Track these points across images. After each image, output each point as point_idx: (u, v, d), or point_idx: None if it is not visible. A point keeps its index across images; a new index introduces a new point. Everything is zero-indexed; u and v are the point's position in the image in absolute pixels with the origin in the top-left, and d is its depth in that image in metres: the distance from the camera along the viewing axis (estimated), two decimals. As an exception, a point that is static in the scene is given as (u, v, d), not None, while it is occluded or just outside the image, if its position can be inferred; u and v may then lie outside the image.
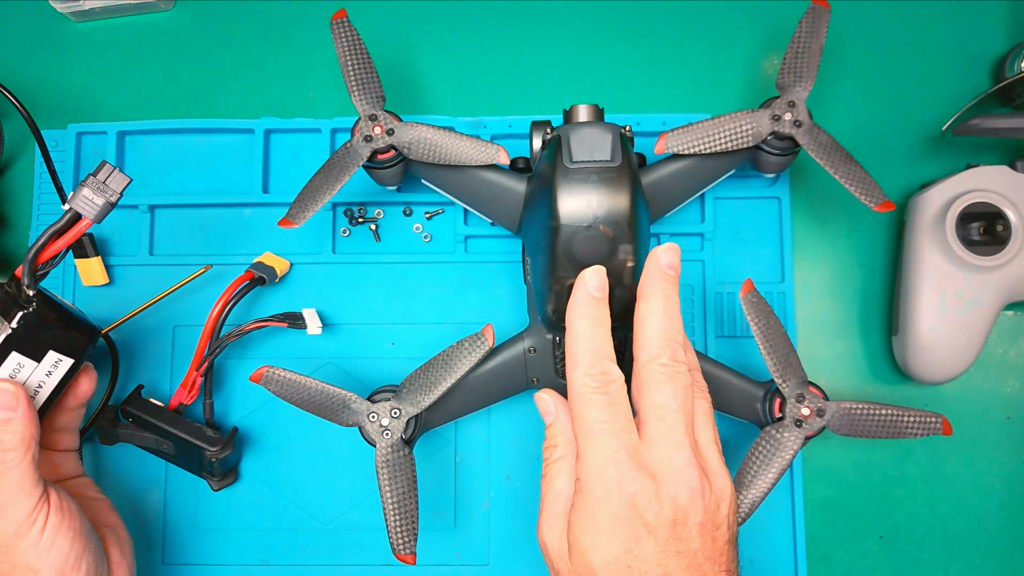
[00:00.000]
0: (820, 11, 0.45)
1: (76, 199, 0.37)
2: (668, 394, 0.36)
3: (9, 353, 0.38)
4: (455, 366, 0.43)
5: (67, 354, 0.40)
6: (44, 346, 0.39)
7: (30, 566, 0.37)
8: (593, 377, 0.37)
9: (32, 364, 0.39)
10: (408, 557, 0.42)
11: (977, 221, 0.47)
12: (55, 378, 0.40)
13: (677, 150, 0.44)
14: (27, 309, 0.38)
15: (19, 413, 0.38)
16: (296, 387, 0.43)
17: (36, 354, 0.39)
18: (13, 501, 0.37)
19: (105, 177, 0.38)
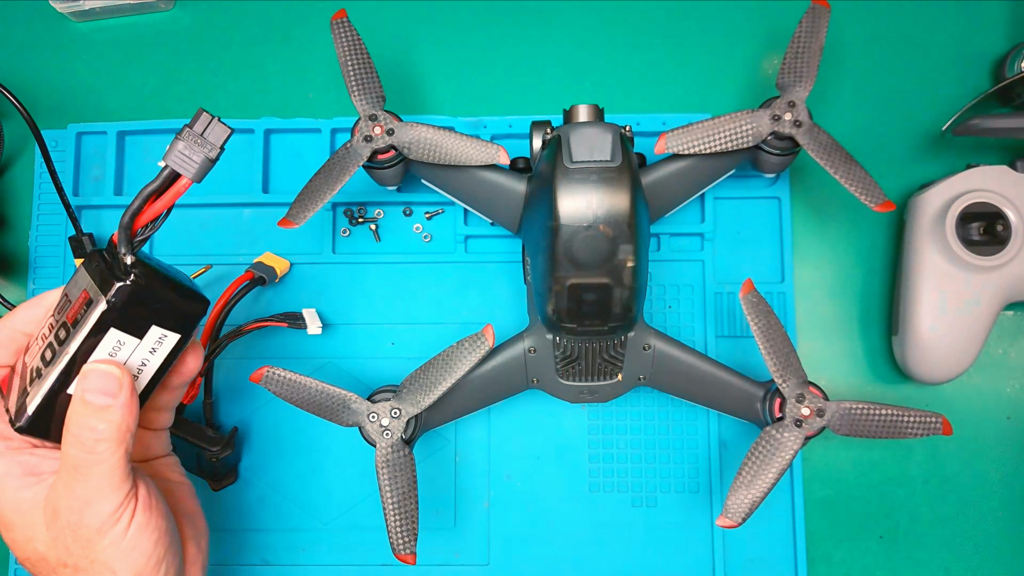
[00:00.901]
0: (820, 11, 0.45)
1: (171, 155, 0.33)
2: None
3: (107, 330, 0.34)
4: (455, 366, 0.43)
5: (173, 329, 0.36)
6: (146, 321, 0.35)
7: (109, 565, 0.36)
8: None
9: (134, 341, 0.35)
10: (408, 557, 0.42)
11: (977, 221, 0.47)
12: (159, 356, 0.36)
13: (677, 150, 0.44)
14: (124, 281, 0.34)
15: (120, 401, 0.35)
16: (296, 387, 0.43)
17: (138, 330, 0.35)
18: (99, 495, 0.35)
19: (203, 128, 0.34)
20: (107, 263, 0.34)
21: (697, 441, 0.50)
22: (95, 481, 0.35)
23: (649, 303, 0.51)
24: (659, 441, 0.50)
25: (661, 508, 0.50)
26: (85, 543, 0.35)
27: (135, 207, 0.34)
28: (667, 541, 0.50)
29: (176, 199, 0.35)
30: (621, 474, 0.50)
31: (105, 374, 0.35)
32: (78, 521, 0.35)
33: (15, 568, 0.51)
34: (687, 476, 0.50)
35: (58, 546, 0.36)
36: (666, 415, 0.51)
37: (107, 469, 0.35)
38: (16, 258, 0.53)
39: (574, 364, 0.45)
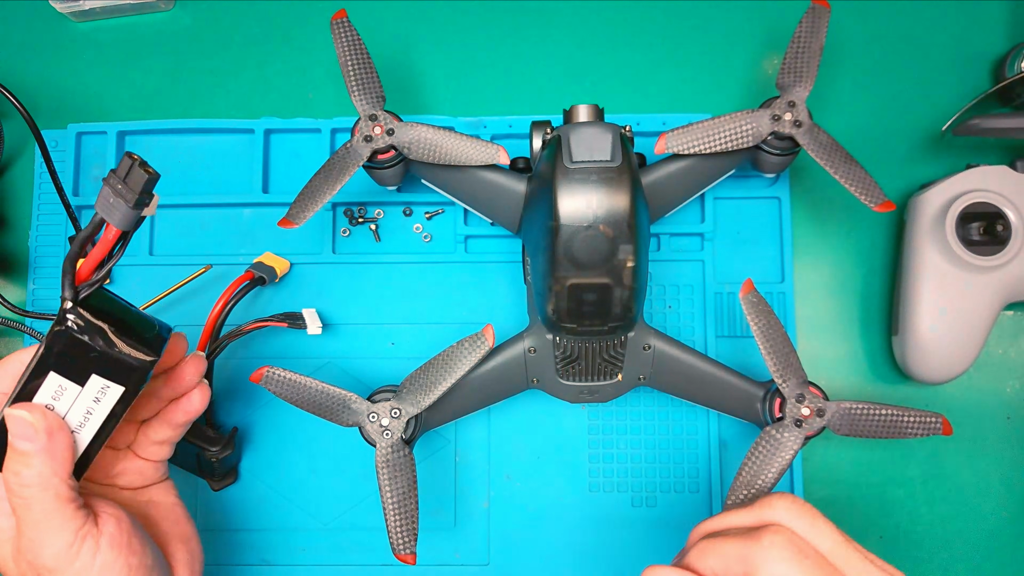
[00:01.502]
0: (820, 11, 0.45)
1: (99, 200, 0.33)
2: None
3: (47, 373, 0.35)
4: (455, 366, 0.43)
5: (114, 380, 0.35)
6: (86, 369, 0.35)
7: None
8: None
9: (76, 388, 0.35)
10: (408, 557, 0.42)
11: (977, 221, 0.47)
12: (105, 406, 0.36)
13: (677, 150, 0.44)
14: (60, 326, 0.34)
15: (38, 446, 0.34)
16: (296, 387, 0.43)
17: (78, 378, 0.35)
18: (44, 536, 0.35)
19: (124, 173, 0.32)
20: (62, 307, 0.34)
21: (697, 441, 0.50)
22: (34, 522, 0.35)
23: (649, 303, 0.51)
24: (659, 441, 0.50)
25: (661, 508, 0.50)
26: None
27: (72, 253, 0.33)
28: (667, 541, 0.50)
29: (111, 247, 0.33)
30: (621, 474, 0.50)
31: (19, 419, 0.35)
32: (35, 560, 0.35)
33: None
34: (687, 476, 0.50)
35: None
36: (666, 415, 0.51)
37: (42, 512, 0.35)
38: (16, 258, 0.53)
39: (574, 364, 0.45)
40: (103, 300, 0.36)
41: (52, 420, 0.35)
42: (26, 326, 0.52)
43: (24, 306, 0.52)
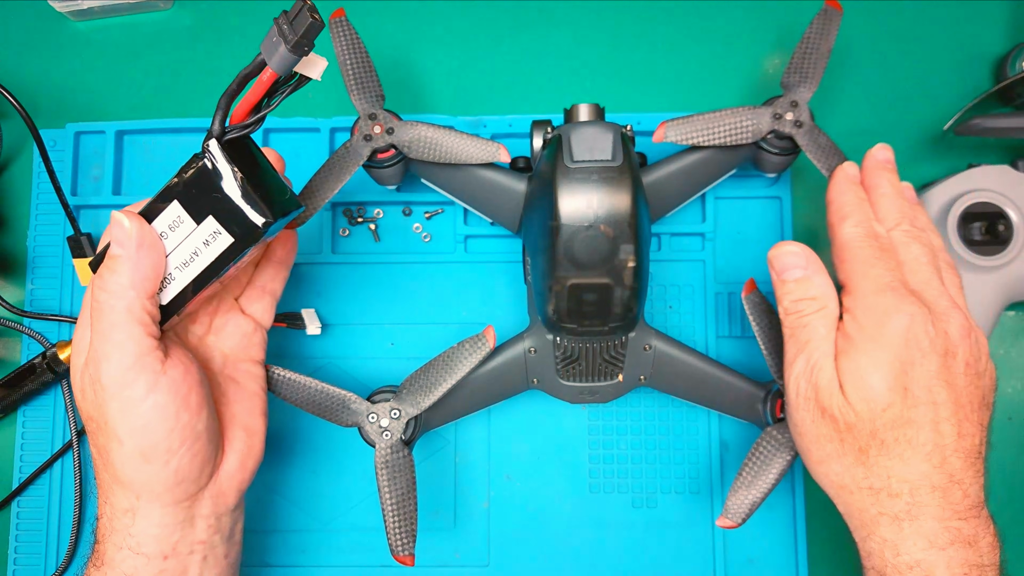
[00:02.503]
0: (832, 13, 0.45)
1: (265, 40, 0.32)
2: (917, 250, 0.38)
3: (171, 200, 0.35)
4: (456, 367, 0.43)
5: (226, 229, 0.35)
6: (205, 208, 0.34)
7: (116, 432, 0.35)
8: (864, 225, 0.39)
9: (191, 225, 0.35)
10: (407, 559, 0.42)
11: (978, 221, 0.47)
12: (212, 252, 0.35)
13: (675, 140, 0.44)
14: (198, 162, 0.34)
15: (127, 253, 0.34)
16: (297, 387, 0.43)
17: (197, 214, 0.35)
18: (105, 350, 0.35)
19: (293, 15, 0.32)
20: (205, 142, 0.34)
21: (697, 441, 0.50)
22: (102, 332, 0.35)
23: (650, 303, 0.51)
24: (659, 441, 0.50)
25: (661, 508, 0.50)
26: (100, 400, 0.35)
27: (231, 89, 0.33)
28: (667, 541, 0.50)
29: (264, 89, 0.33)
30: (621, 474, 0.50)
31: (117, 224, 0.35)
32: (95, 373, 0.35)
33: (14, 569, 0.50)
34: (687, 476, 0.50)
35: (85, 398, 0.36)
36: (666, 415, 0.50)
37: (110, 323, 0.35)
38: (15, 258, 0.53)
39: (574, 364, 0.44)
40: (247, 150, 0.35)
41: (147, 233, 0.35)
42: (24, 326, 0.52)
43: (23, 306, 0.52)
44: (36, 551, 0.50)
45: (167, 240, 0.36)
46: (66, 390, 0.51)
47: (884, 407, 0.36)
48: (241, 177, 0.34)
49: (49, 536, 0.50)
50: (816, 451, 0.38)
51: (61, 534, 0.50)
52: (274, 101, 0.34)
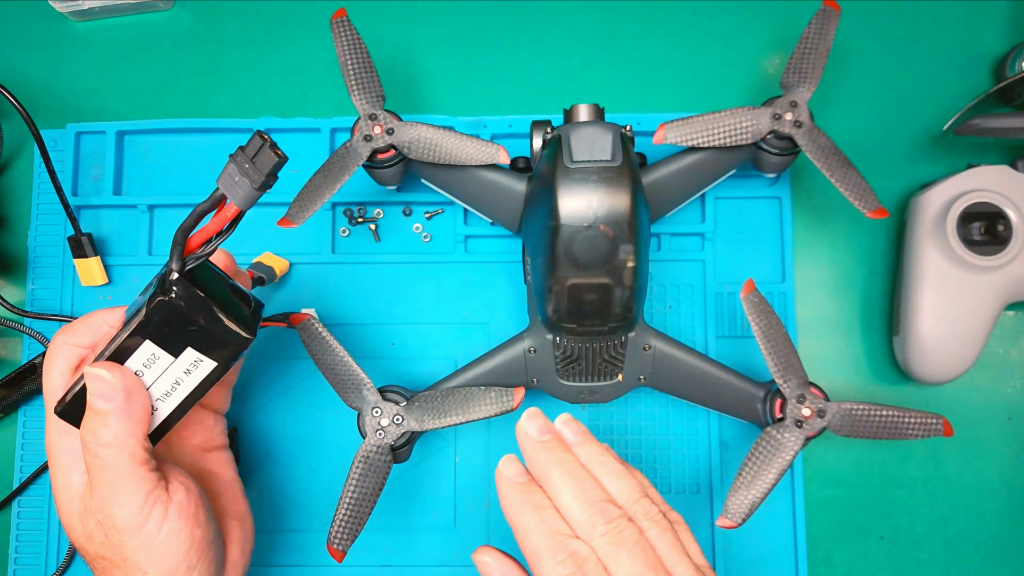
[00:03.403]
0: (830, 13, 0.45)
1: (222, 176, 0.33)
2: (627, 561, 0.33)
3: (144, 340, 0.35)
4: (472, 410, 0.43)
5: (208, 355, 0.36)
6: (181, 341, 0.35)
7: (139, 566, 0.36)
8: (563, 564, 0.33)
9: (168, 359, 0.35)
10: (339, 554, 0.42)
11: (978, 221, 0.47)
12: (194, 379, 0.36)
13: (675, 141, 0.44)
14: (164, 296, 0.34)
15: (115, 406, 0.35)
16: (325, 348, 0.43)
17: (173, 348, 0.35)
18: (116, 497, 0.35)
19: (253, 153, 0.32)
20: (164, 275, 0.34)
21: (697, 441, 0.50)
22: (107, 482, 0.35)
23: (649, 303, 0.51)
24: (659, 441, 0.50)
25: (661, 508, 0.50)
26: (116, 542, 0.36)
27: (186, 225, 0.33)
28: (667, 542, 0.49)
29: (225, 223, 0.33)
30: (621, 474, 0.50)
31: (98, 378, 0.35)
32: (105, 520, 0.36)
33: (14, 569, 0.50)
34: (687, 476, 0.50)
35: (93, 541, 0.37)
36: (666, 415, 0.50)
37: (116, 472, 0.35)
38: (15, 258, 0.53)
39: (574, 364, 0.44)
40: (206, 273, 0.36)
41: (131, 380, 0.36)
42: (25, 326, 0.52)
43: (23, 306, 0.52)
44: (36, 551, 0.50)
45: (144, 377, 0.36)
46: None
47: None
48: (215, 305, 0.35)
49: (49, 536, 0.50)
50: None
51: (61, 534, 0.50)
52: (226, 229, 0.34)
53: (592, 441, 0.37)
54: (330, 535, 0.42)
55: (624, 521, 0.34)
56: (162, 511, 0.36)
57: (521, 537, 0.35)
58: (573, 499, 0.35)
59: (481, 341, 0.51)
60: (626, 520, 0.34)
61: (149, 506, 0.36)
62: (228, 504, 0.42)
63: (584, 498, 0.35)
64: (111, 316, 0.38)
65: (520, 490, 0.36)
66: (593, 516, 0.34)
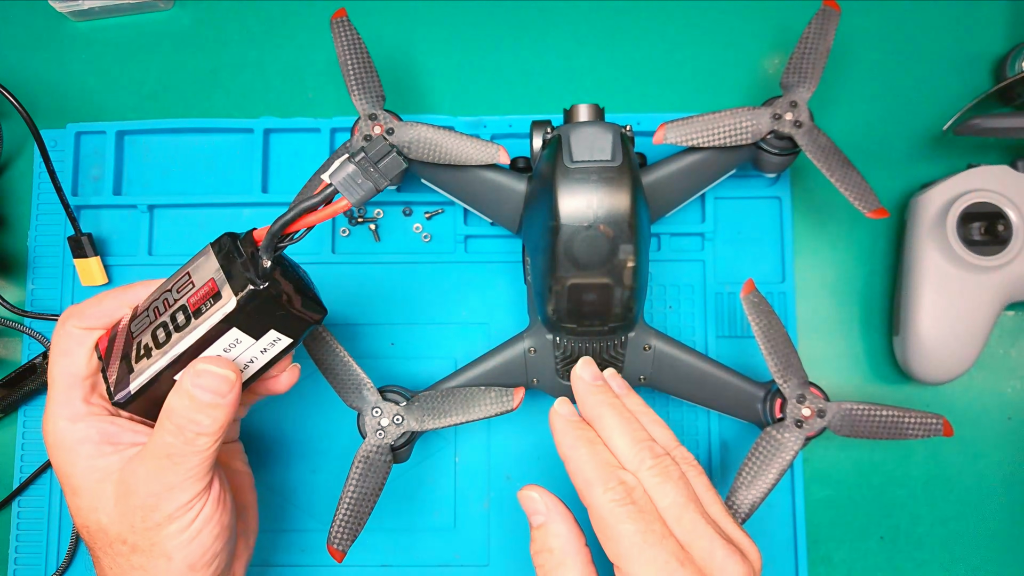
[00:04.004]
0: (830, 13, 0.45)
1: (339, 176, 0.32)
2: (672, 491, 0.36)
3: (230, 328, 0.35)
4: (472, 410, 0.43)
5: (287, 334, 0.37)
6: (267, 325, 0.36)
7: (166, 551, 0.36)
8: (614, 490, 0.35)
9: (250, 341, 0.36)
10: (338, 553, 0.42)
11: (978, 221, 0.47)
12: (269, 355, 0.37)
13: (675, 141, 0.44)
14: (259, 286, 0.34)
15: (227, 400, 0.35)
16: (326, 348, 0.43)
17: (257, 332, 0.36)
18: (182, 486, 0.36)
19: (379, 157, 0.32)
20: (242, 258, 0.35)
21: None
22: (184, 470, 0.35)
23: (649, 303, 0.51)
24: (659, 441, 0.50)
25: (661, 508, 0.50)
26: (153, 527, 0.36)
27: (288, 218, 0.33)
28: (667, 542, 0.49)
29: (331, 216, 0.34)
30: (621, 474, 0.50)
31: (220, 377, 0.35)
32: (154, 505, 0.36)
33: (14, 569, 0.50)
34: (687, 476, 0.50)
35: (123, 523, 0.36)
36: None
37: (198, 461, 0.36)
38: (15, 258, 0.53)
39: (574, 364, 0.44)
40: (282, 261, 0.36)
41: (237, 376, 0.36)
42: (25, 326, 0.52)
43: (23, 306, 0.52)
44: (36, 551, 0.50)
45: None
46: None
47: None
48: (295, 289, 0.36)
49: (49, 536, 0.51)
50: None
51: (61, 534, 0.50)
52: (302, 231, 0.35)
53: (634, 394, 0.41)
54: (330, 535, 0.42)
55: (669, 459, 0.37)
56: (206, 498, 0.36)
57: (574, 468, 0.37)
58: (622, 437, 0.38)
59: (481, 341, 0.51)
60: (670, 458, 0.37)
61: (202, 495, 0.36)
62: (236, 495, 0.42)
63: (632, 436, 0.37)
64: (128, 296, 0.38)
65: (574, 427, 0.38)
66: (641, 452, 0.37)
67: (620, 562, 0.35)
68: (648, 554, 0.34)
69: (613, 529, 0.35)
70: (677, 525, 0.35)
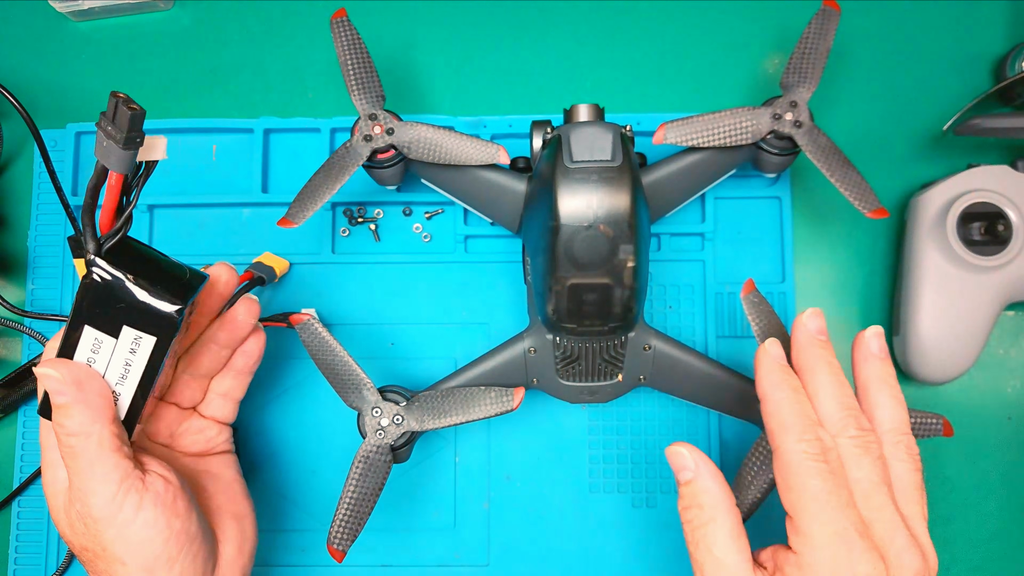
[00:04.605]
0: (830, 13, 0.45)
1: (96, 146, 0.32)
2: (868, 467, 0.35)
3: (82, 327, 0.35)
4: (472, 410, 0.43)
5: (145, 331, 0.35)
6: (116, 320, 0.35)
7: (118, 556, 0.36)
8: (809, 443, 0.34)
9: (111, 340, 0.35)
10: (339, 554, 0.42)
11: (978, 221, 0.47)
12: (141, 357, 0.36)
13: (675, 141, 0.44)
14: (87, 279, 0.34)
15: (71, 398, 0.35)
16: (326, 348, 0.43)
17: (111, 329, 0.35)
18: (90, 486, 0.36)
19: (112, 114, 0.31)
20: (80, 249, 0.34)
21: (697, 441, 0.50)
22: (80, 471, 0.36)
23: (649, 303, 0.51)
24: (659, 441, 0.50)
25: (661, 508, 0.50)
26: (94, 531, 0.36)
27: (87, 204, 0.33)
28: (667, 541, 0.50)
29: (119, 190, 0.33)
30: (621, 474, 0.50)
31: (46, 376, 0.36)
32: (82, 509, 0.36)
33: (14, 569, 0.50)
34: (687, 476, 0.50)
35: (76, 532, 0.37)
36: (666, 415, 0.50)
37: (87, 460, 0.36)
38: (15, 258, 0.53)
39: (574, 364, 0.44)
40: (130, 250, 0.36)
41: (79, 370, 0.36)
42: (25, 326, 0.52)
43: (23, 306, 0.52)
44: (36, 551, 0.50)
45: (95, 364, 0.36)
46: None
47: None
48: (133, 278, 0.35)
49: (49, 536, 0.51)
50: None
51: (61, 534, 0.51)
52: (132, 196, 0.34)
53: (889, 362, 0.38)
54: (330, 535, 0.42)
55: (873, 436, 0.35)
56: (136, 499, 0.36)
57: (771, 409, 0.36)
58: (831, 398, 0.36)
59: (481, 341, 0.51)
60: (875, 436, 0.36)
61: (123, 494, 0.36)
62: (225, 503, 0.42)
63: (842, 402, 0.36)
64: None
65: (782, 370, 0.37)
66: (847, 419, 0.35)
67: (796, 514, 0.34)
68: (828, 515, 0.33)
69: (797, 479, 0.34)
70: (864, 501, 0.34)
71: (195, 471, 0.43)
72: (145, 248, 0.37)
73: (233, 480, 0.44)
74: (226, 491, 0.43)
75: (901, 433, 0.37)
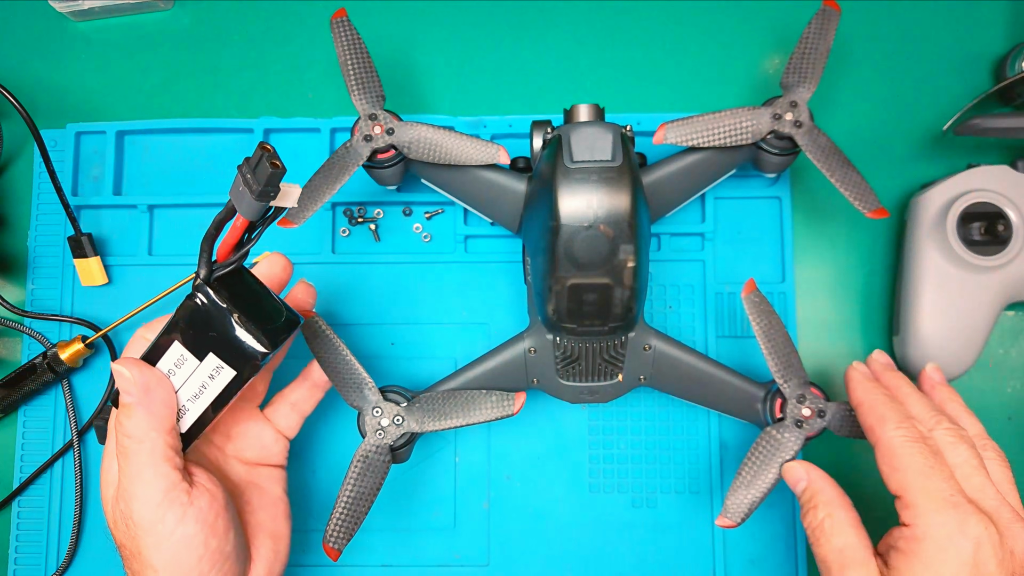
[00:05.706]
0: (830, 13, 0.45)
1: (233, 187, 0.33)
2: (965, 453, 0.37)
3: (172, 342, 0.36)
4: (473, 413, 0.43)
5: (227, 363, 0.36)
6: (205, 346, 0.36)
7: (151, 563, 0.36)
8: (907, 428, 0.37)
9: (194, 361, 0.37)
10: (333, 552, 0.42)
11: (978, 221, 0.47)
12: (217, 385, 0.37)
13: (675, 141, 0.44)
14: (191, 300, 0.35)
15: (135, 400, 0.36)
16: (329, 346, 0.43)
17: (198, 352, 0.36)
18: (135, 491, 0.36)
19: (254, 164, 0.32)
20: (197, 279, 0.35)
21: (697, 441, 0.50)
22: (130, 473, 0.36)
23: (649, 303, 0.51)
24: (659, 441, 0.50)
25: (661, 508, 0.50)
26: (133, 534, 0.37)
27: (208, 233, 0.34)
28: (667, 541, 0.50)
29: (242, 231, 0.34)
30: (621, 474, 0.50)
31: (119, 373, 0.36)
32: (125, 510, 0.37)
33: (14, 569, 0.50)
34: (687, 476, 0.50)
35: (118, 529, 0.38)
36: (666, 415, 0.50)
37: (137, 464, 0.36)
38: (15, 258, 0.53)
39: (574, 364, 0.44)
40: (240, 283, 0.36)
41: (150, 376, 0.37)
42: (25, 326, 0.52)
43: (23, 306, 0.52)
44: (36, 551, 0.50)
45: (175, 377, 0.37)
46: (67, 389, 0.51)
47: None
48: (237, 316, 0.36)
49: (49, 536, 0.51)
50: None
51: (61, 534, 0.50)
52: (255, 235, 0.35)
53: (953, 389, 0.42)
54: (326, 533, 0.42)
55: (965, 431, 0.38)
56: (179, 513, 0.36)
57: (867, 408, 0.39)
58: (919, 402, 0.40)
59: (481, 341, 0.51)
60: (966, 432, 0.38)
61: (166, 505, 0.36)
62: (267, 521, 0.42)
63: (930, 405, 0.40)
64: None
65: (871, 380, 0.41)
66: (937, 415, 0.39)
67: (904, 491, 0.36)
68: (935, 483, 0.35)
69: (901, 459, 0.36)
70: (966, 482, 0.36)
71: (245, 481, 0.43)
72: (253, 280, 0.38)
73: (279, 499, 0.44)
74: (270, 508, 0.43)
75: (984, 437, 0.40)
